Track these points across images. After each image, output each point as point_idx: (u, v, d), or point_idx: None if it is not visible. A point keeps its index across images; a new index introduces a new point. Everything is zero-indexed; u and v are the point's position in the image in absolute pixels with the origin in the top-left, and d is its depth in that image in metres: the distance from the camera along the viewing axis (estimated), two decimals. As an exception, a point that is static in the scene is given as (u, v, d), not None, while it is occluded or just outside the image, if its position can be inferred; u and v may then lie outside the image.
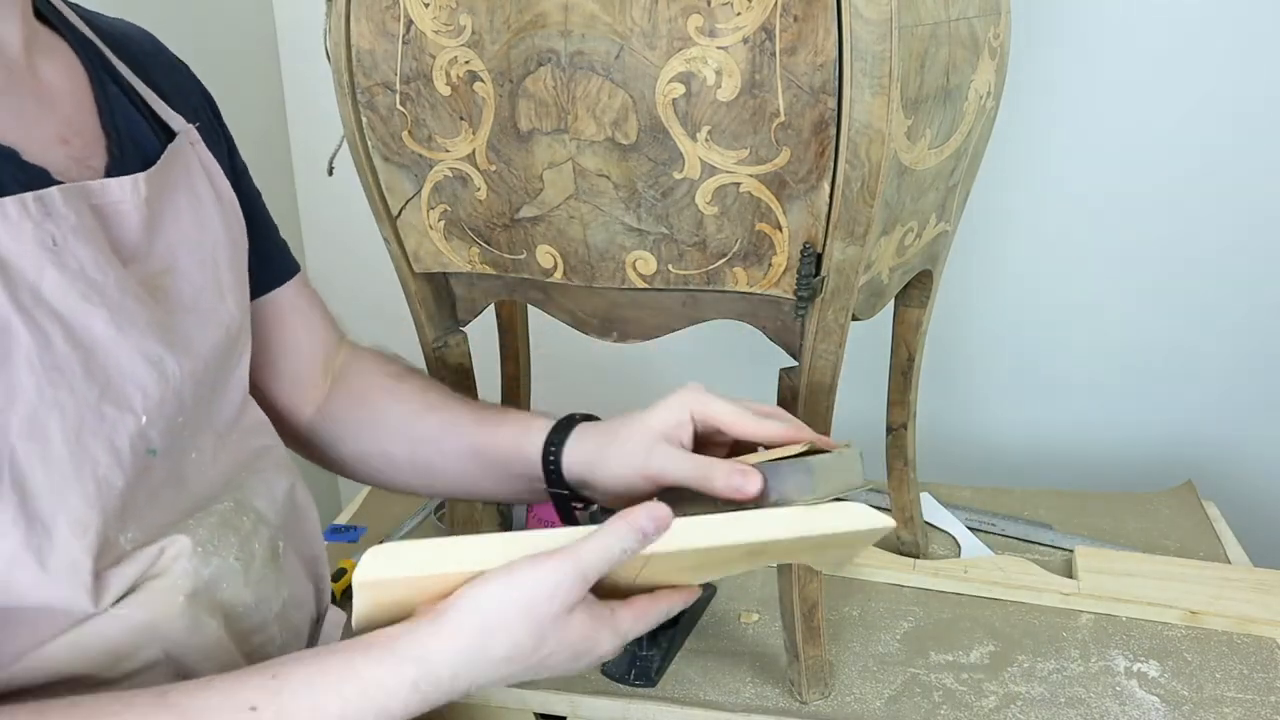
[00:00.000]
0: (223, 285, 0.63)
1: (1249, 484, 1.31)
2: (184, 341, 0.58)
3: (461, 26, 0.69)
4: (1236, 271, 1.23)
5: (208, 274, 0.62)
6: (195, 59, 1.21)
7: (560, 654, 0.52)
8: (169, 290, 0.59)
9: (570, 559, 0.50)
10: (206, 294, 0.61)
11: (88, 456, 0.51)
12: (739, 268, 0.71)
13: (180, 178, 0.62)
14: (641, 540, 0.51)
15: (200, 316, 0.60)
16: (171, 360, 0.56)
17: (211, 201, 0.64)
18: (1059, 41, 1.16)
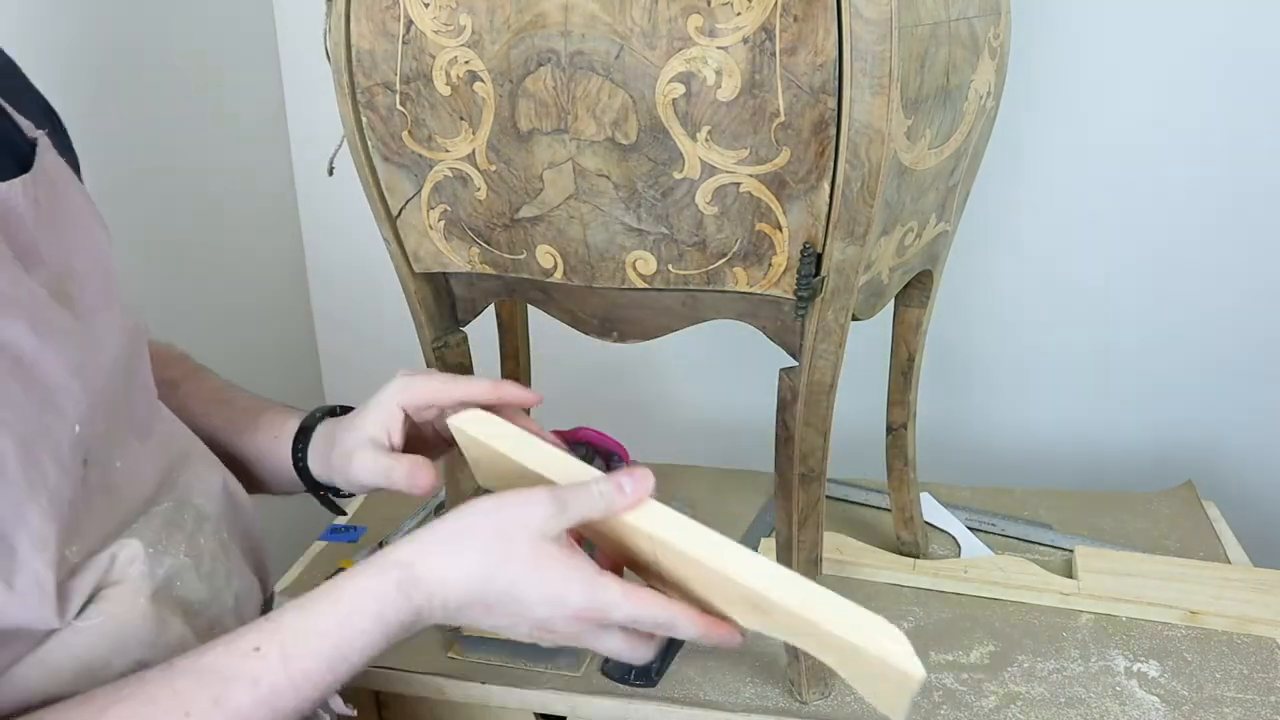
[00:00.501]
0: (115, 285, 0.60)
1: (1249, 484, 1.31)
2: (95, 346, 0.55)
3: (461, 26, 0.69)
4: (1237, 272, 1.23)
5: (101, 275, 0.59)
6: (195, 59, 1.22)
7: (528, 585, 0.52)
8: (72, 295, 0.55)
9: (551, 490, 0.53)
10: (104, 296, 0.59)
11: (39, 471, 0.49)
12: (739, 268, 0.71)
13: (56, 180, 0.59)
14: (619, 493, 0.53)
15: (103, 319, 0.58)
16: (90, 366, 0.54)
17: (84, 202, 0.61)
18: (1059, 41, 1.16)
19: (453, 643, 0.92)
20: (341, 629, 0.51)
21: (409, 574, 0.52)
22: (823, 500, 0.80)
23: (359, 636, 0.51)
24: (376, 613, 0.51)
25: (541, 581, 0.52)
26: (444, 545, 0.54)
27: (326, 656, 0.50)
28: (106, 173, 1.09)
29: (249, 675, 0.48)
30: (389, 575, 0.52)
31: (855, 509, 1.15)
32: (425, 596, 0.53)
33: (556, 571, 0.52)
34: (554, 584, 0.52)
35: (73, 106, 1.04)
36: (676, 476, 1.23)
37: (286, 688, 0.49)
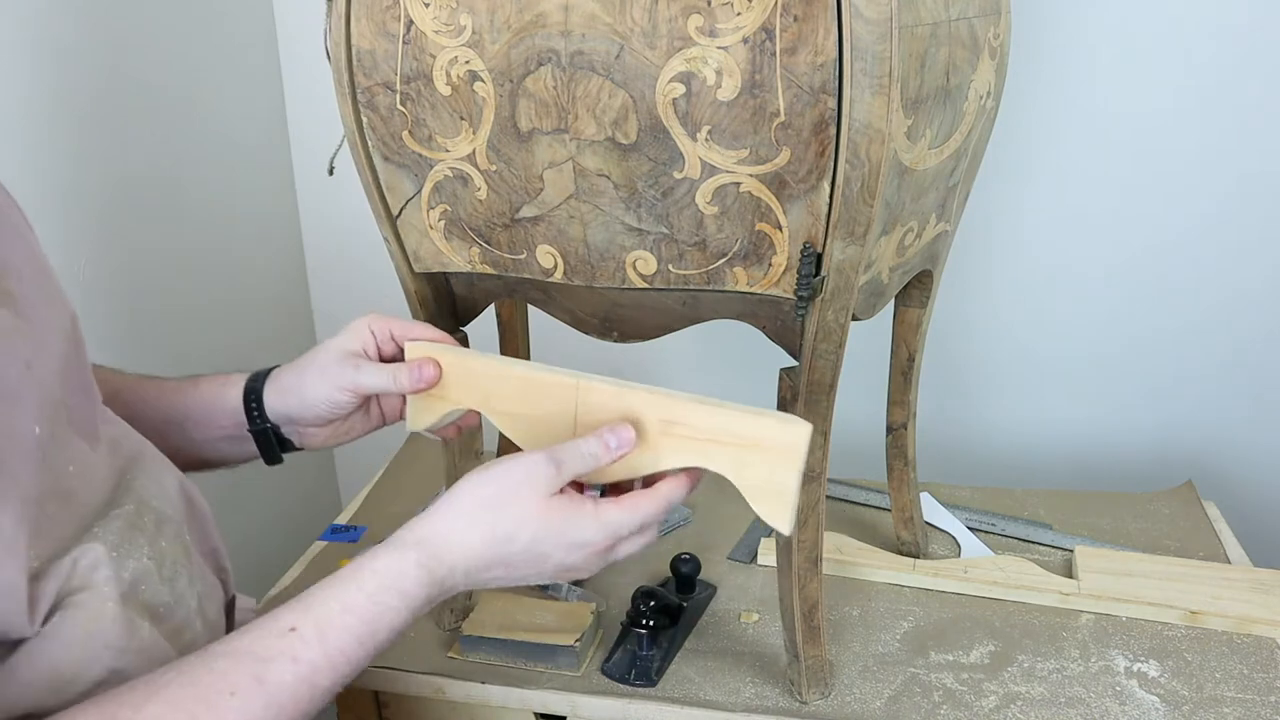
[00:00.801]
0: (51, 280, 0.59)
1: (1249, 484, 1.31)
2: (40, 344, 0.54)
3: (462, 26, 0.69)
4: (1237, 272, 1.23)
5: (38, 272, 0.57)
6: (195, 59, 1.22)
7: (547, 538, 0.57)
8: (11, 291, 0.54)
9: (546, 451, 0.59)
10: (42, 291, 0.57)
11: (8, 474, 0.48)
12: (739, 268, 0.71)
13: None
14: (606, 451, 0.60)
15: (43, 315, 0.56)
16: (38, 365, 0.52)
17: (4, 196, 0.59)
18: (1059, 41, 1.17)
19: (453, 643, 0.92)
20: (370, 606, 0.53)
21: (430, 549, 0.56)
22: (823, 500, 0.80)
23: (387, 613, 0.54)
24: (401, 590, 0.54)
25: (559, 533, 0.57)
26: (458, 517, 0.57)
27: (358, 634, 0.52)
28: (106, 173, 1.09)
29: (288, 654, 0.50)
30: (409, 555, 0.56)
31: (855, 509, 1.15)
32: (447, 569, 0.56)
33: (569, 521, 0.58)
34: (570, 532, 0.58)
35: (73, 107, 1.04)
36: (676, 476, 1.23)
37: (324, 665, 0.51)
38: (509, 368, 0.69)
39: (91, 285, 1.08)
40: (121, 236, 1.12)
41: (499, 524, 0.57)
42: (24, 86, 0.98)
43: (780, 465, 0.60)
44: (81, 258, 1.06)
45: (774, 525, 0.61)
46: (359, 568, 0.55)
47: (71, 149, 1.04)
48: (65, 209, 1.04)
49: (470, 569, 0.57)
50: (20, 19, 0.97)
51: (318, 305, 1.48)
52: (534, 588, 1.01)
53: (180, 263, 1.21)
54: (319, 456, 1.53)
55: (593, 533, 0.58)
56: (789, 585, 0.82)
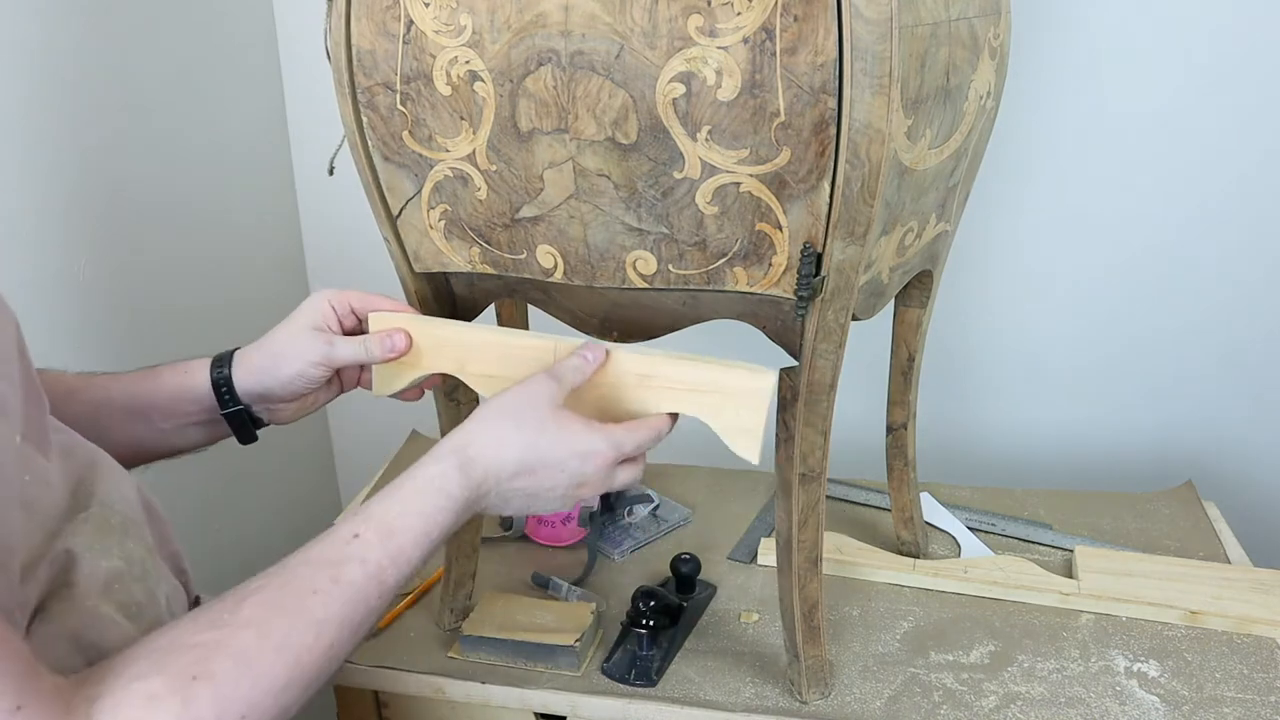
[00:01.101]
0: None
1: (1249, 484, 1.31)
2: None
3: (462, 26, 0.69)
4: (1237, 272, 1.23)
5: None
6: (196, 59, 1.22)
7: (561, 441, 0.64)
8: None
9: (546, 372, 0.67)
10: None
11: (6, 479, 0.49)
12: (739, 267, 0.71)
13: None
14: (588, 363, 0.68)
15: None
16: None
17: None
18: (1059, 41, 1.16)
19: (453, 643, 0.92)
20: (422, 509, 0.59)
21: (465, 455, 0.63)
22: (823, 500, 0.80)
23: (436, 513, 0.60)
24: (446, 492, 0.61)
25: (571, 439, 0.64)
26: (487, 428, 0.64)
27: (414, 534, 0.58)
28: (106, 173, 1.09)
29: (357, 557, 0.56)
30: (448, 461, 0.62)
31: (855, 509, 1.15)
32: (482, 473, 0.63)
33: (578, 430, 0.65)
34: (579, 439, 0.65)
35: (73, 107, 1.04)
36: (676, 476, 1.23)
37: (388, 564, 0.57)
38: (480, 333, 0.74)
39: (91, 286, 1.08)
40: (121, 236, 1.11)
41: (521, 429, 0.64)
42: (23, 86, 0.98)
43: (747, 409, 0.67)
44: (81, 258, 1.06)
45: (746, 458, 0.68)
46: (407, 477, 0.61)
47: (71, 149, 1.04)
48: (65, 209, 1.04)
49: (501, 473, 0.63)
50: (20, 19, 0.97)
51: (318, 305, 1.48)
52: (534, 588, 1.01)
53: (180, 263, 1.21)
54: (319, 456, 1.53)
55: (599, 441, 0.65)
56: (789, 585, 0.82)
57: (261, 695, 0.49)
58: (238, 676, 0.48)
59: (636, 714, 0.85)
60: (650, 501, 1.15)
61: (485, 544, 1.03)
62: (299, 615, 0.52)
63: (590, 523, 1.07)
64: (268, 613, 0.51)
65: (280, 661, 0.50)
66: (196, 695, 0.46)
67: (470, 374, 0.75)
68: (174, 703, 0.46)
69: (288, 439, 1.42)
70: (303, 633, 0.52)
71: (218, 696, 0.47)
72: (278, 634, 0.51)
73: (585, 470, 0.65)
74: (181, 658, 0.48)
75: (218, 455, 1.10)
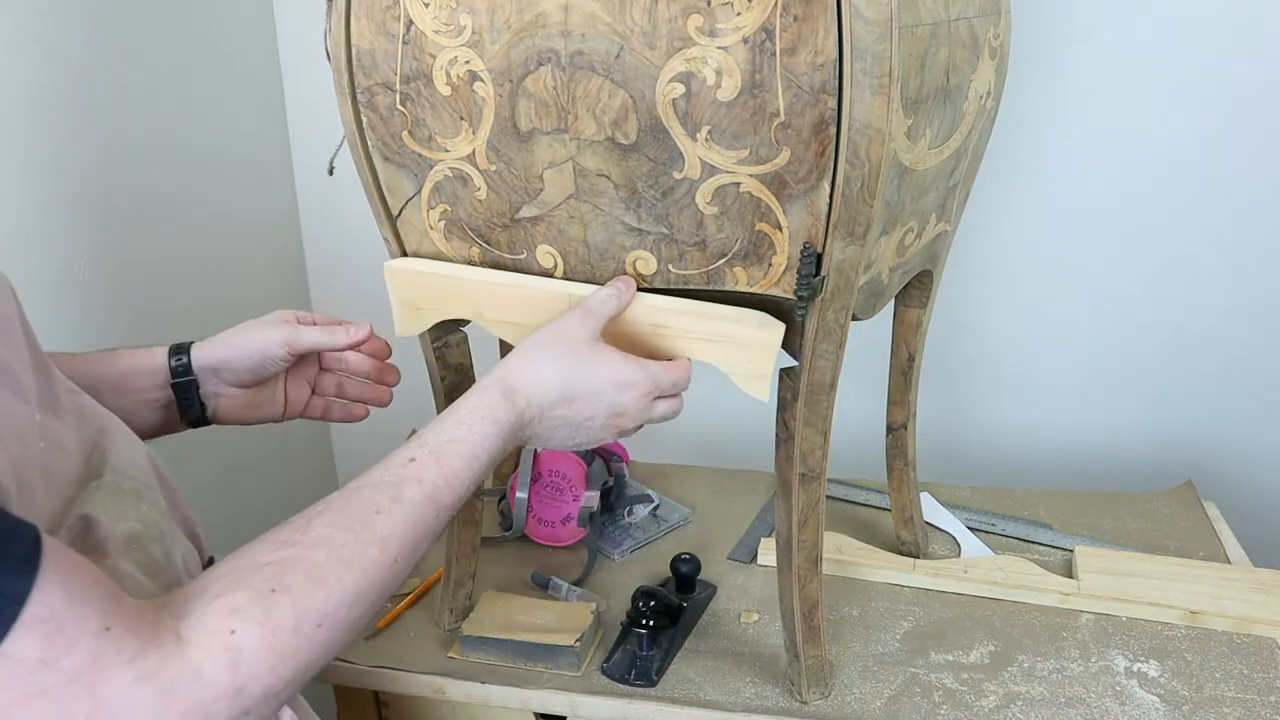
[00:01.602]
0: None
1: (1249, 484, 1.31)
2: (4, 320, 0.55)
3: (462, 26, 0.69)
4: (1238, 272, 1.23)
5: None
6: (195, 59, 1.22)
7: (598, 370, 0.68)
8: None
9: (579, 306, 0.70)
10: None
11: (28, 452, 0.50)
12: (739, 267, 0.71)
13: None
14: (619, 295, 0.71)
15: None
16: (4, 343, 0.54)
17: None
18: (1059, 41, 1.16)
19: (453, 643, 0.92)
20: (471, 434, 0.63)
21: (508, 385, 0.66)
22: (823, 500, 0.80)
23: (484, 439, 0.63)
24: (493, 419, 0.64)
25: (608, 369, 0.68)
26: (527, 360, 0.68)
27: (465, 457, 0.62)
28: (106, 173, 1.09)
29: (414, 478, 0.59)
30: (493, 390, 0.66)
31: (855, 509, 1.15)
32: (525, 400, 0.66)
33: (615, 361, 0.68)
34: (616, 370, 0.68)
35: (73, 107, 1.04)
36: (676, 476, 1.23)
37: (443, 484, 0.60)
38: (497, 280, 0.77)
39: (91, 286, 1.08)
40: (121, 237, 1.11)
41: (559, 360, 0.67)
42: (24, 87, 0.98)
43: (758, 357, 0.71)
44: (81, 258, 1.06)
45: (756, 397, 0.73)
46: (455, 408, 0.65)
47: (71, 149, 1.04)
48: (65, 210, 1.04)
49: (543, 401, 0.67)
50: (21, 20, 0.97)
51: (318, 305, 1.48)
52: (534, 587, 1.01)
53: (180, 263, 1.21)
54: (319, 456, 1.53)
55: (636, 372, 0.69)
56: (789, 585, 0.82)
57: (335, 607, 0.52)
58: (311, 589, 0.51)
59: (636, 714, 0.85)
60: (650, 501, 1.15)
61: (485, 544, 1.03)
62: (364, 533, 0.55)
63: (590, 523, 1.07)
64: (335, 532, 0.54)
65: (349, 576, 0.53)
66: (276, 605, 0.49)
67: (488, 319, 0.78)
68: (256, 612, 0.49)
69: (287, 439, 1.43)
70: (368, 546, 0.55)
71: (295, 606, 0.50)
72: (345, 550, 0.54)
73: (622, 400, 0.68)
74: (259, 574, 0.51)
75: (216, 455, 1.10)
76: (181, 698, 0.45)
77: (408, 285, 0.80)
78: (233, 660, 0.47)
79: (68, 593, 0.43)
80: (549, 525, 1.08)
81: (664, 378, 0.70)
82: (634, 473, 1.20)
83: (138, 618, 0.46)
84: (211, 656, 0.47)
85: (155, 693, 0.45)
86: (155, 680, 0.45)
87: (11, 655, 0.41)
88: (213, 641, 0.47)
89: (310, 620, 0.51)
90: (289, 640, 0.49)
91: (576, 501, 1.07)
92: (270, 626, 0.49)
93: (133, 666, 0.44)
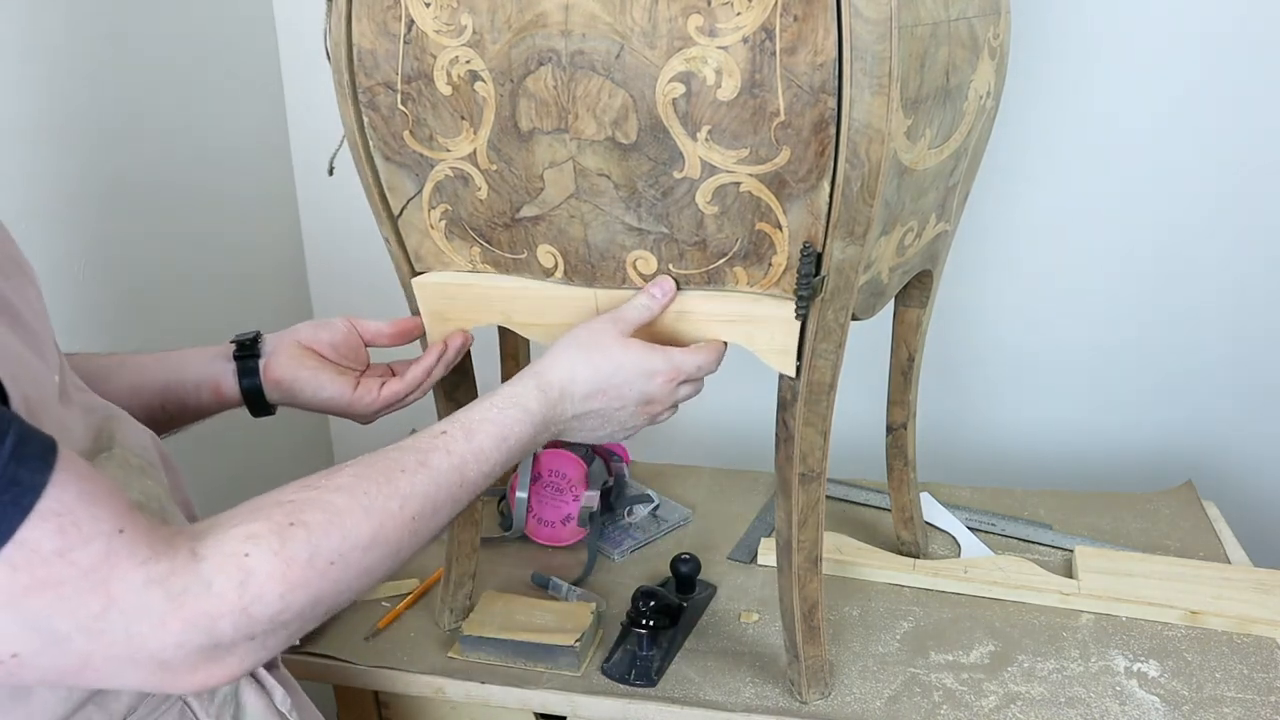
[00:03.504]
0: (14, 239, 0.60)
1: (1249, 484, 1.31)
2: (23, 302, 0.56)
3: (462, 26, 0.69)
4: (1236, 271, 1.23)
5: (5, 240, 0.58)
6: (195, 59, 1.22)
7: (627, 363, 0.70)
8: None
9: (614, 313, 0.73)
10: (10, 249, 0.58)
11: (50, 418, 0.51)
12: (739, 267, 0.71)
13: None
14: (654, 298, 0.73)
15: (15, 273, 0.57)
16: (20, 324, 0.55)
17: None
18: (1059, 41, 1.17)
19: (453, 643, 0.92)
20: (502, 416, 0.66)
21: (542, 379, 0.69)
22: (823, 500, 0.80)
23: (515, 424, 0.66)
24: (524, 406, 0.67)
25: (634, 361, 0.71)
26: (559, 356, 0.71)
27: (495, 437, 0.64)
28: (106, 174, 1.09)
29: (443, 448, 0.62)
30: (527, 382, 0.69)
31: (855, 509, 1.15)
32: (558, 392, 0.69)
33: (640, 352, 0.71)
34: (642, 360, 0.71)
35: (72, 106, 1.04)
36: (677, 476, 1.23)
37: (471, 459, 0.63)
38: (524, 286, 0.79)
39: (91, 286, 1.08)
40: (121, 237, 1.11)
41: (590, 355, 0.70)
42: (24, 86, 0.98)
43: (781, 332, 0.73)
44: (81, 259, 1.06)
45: (782, 371, 0.74)
46: (491, 394, 0.68)
47: (71, 149, 1.04)
48: (64, 211, 1.04)
49: (574, 394, 0.70)
50: (21, 19, 0.97)
51: (318, 306, 1.48)
52: (534, 587, 1.01)
53: (180, 263, 1.21)
54: (319, 456, 1.53)
55: (659, 361, 0.71)
56: (789, 585, 0.82)
57: (349, 549, 0.54)
58: (328, 527, 0.53)
59: (636, 714, 0.85)
60: (650, 501, 1.15)
61: (485, 544, 1.03)
62: (386, 485, 0.57)
63: (590, 523, 1.07)
64: (358, 481, 0.57)
65: (366, 522, 0.55)
66: (292, 536, 0.51)
67: (516, 323, 0.80)
68: (272, 540, 0.50)
69: (287, 438, 1.43)
70: (388, 499, 0.57)
71: (310, 540, 0.52)
72: (365, 498, 0.56)
73: (649, 389, 0.71)
74: (279, 509, 0.53)
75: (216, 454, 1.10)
76: (188, 605, 0.47)
77: (435, 296, 0.81)
78: (243, 580, 0.49)
79: (82, 494, 0.45)
80: (549, 525, 1.08)
81: (688, 363, 0.73)
82: (634, 473, 1.20)
83: (151, 530, 0.48)
84: (223, 572, 0.48)
85: (164, 595, 0.46)
86: (165, 585, 0.46)
87: (26, 543, 0.43)
88: (227, 562, 0.49)
89: (324, 557, 0.52)
90: (301, 572, 0.51)
91: (576, 501, 1.07)
92: (285, 556, 0.50)
93: (144, 568, 0.46)
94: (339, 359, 0.79)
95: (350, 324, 0.80)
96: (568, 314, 0.77)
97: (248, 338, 0.78)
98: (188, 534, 0.50)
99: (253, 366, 0.76)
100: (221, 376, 0.76)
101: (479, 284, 0.80)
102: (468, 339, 0.82)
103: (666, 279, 0.74)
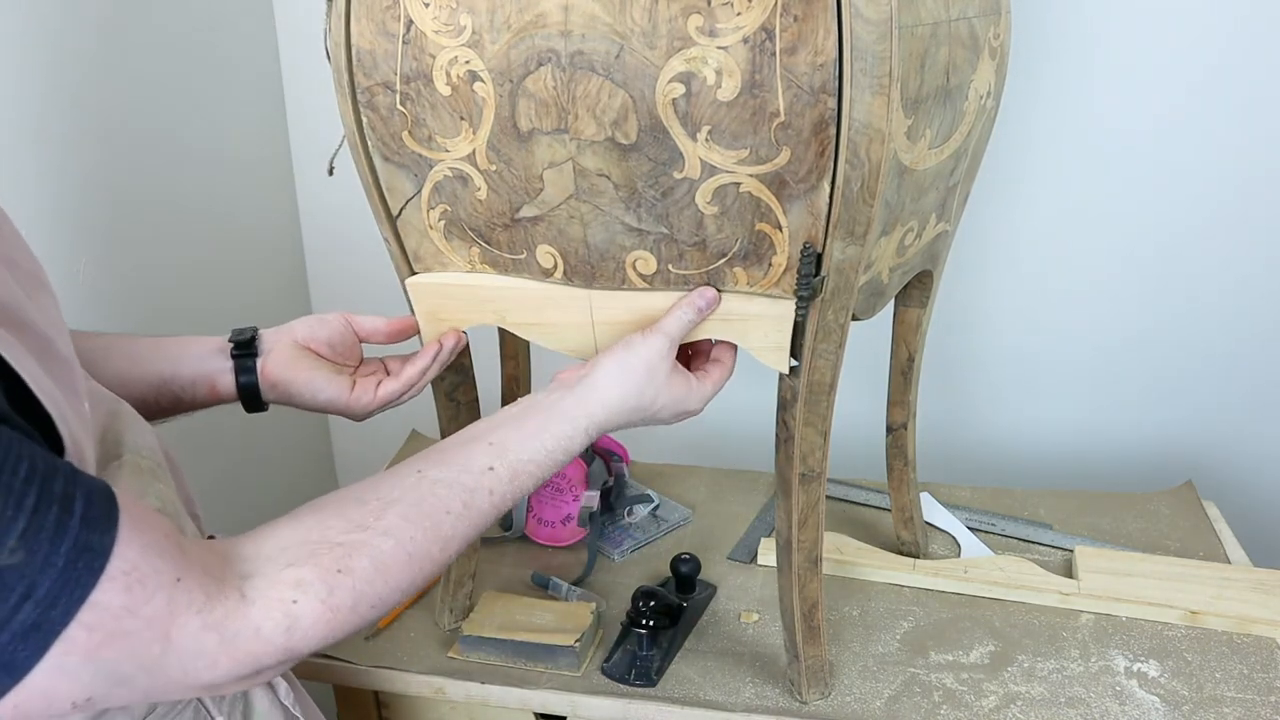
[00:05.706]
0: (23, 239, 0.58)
1: (1249, 484, 1.31)
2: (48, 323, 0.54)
3: (462, 26, 0.69)
4: (1236, 272, 1.23)
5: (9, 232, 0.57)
6: (195, 59, 1.22)
7: (668, 406, 0.73)
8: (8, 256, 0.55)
9: (661, 333, 0.72)
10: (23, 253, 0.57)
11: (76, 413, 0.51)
12: (739, 268, 0.71)
13: None
14: (698, 311, 0.73)
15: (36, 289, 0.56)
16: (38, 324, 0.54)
17: None
18: (1059, 41, 1.16)
19: (453, 643, 0.92)
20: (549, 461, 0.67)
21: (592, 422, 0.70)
22: (823, 500, 0.80)
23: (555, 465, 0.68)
24: (570, 450, 0.68)
25: (678, 399, 0.73)
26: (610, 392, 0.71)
27: (535, 479, 0.67)
28: (106, 174, 1.09)
29: (486, 488, 0.63)
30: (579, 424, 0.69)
31: (855, 509, 1.15)
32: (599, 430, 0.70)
33: (683, 396, 0.74)
34: (681, 401, 0.74)
35: (73, 107, 1.04)
36: (676, 476, 1.23)
37: (509, 499, 0.65)
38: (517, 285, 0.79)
39: (91, 286, 1.08)
40: (121, 237, 1.11)
41: (641, 397, 0.72)
42: (25, 87, 0.98)
43: (774, 329, 0.73)
44: (81, 259, 1.06)
45: (777, 368, 0.75)
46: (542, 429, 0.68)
47: (71, 149, 1.04)
48: (65, 211, 1.04)
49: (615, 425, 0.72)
50: (21, 20, 0.97)
51: (318, 305, 1.48)
52: (534, 587, 1.01)
53: (180, 263, 1.21)
54: (319, 455, 1.53)
55: (695, 402, 0.75)
56: (789, 585, 0.82)
57: (390, 594, 0.57)
58: (373, 576, 0.56)
59: (636, 714, 0.85)
60: (650, 501, 1.15)
61: (485, 544, 1.04)
62: (432, 531, 0.60)
63: (590, 523, 1.07)
64: (406, 525, 0.59)
65: (409, 568, 0.58)
66: (339, 585, 0.54)
67: (511, 323, 0.80)
68: (320, 589, 0.53)
69: (288, 438, 1.43)
70: (430, 544, 0.59)
71: (355, 589, 0.55)
72: (411, 544, 0.58)
73: (680, 412, 0.75)
74: (330, 553, 0.55)
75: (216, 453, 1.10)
76: (239, 648, 0.51)
77: (430, 296, 0.81)
78: (289, 626, 0.52)
79: (144, 547, 0.48)
80: (549, 525, 1.08)
81: (711, 393, 0.76)
82: (634, 473, 1.20)
83: (204, 571, 0.50)
84: (271, 619, 0.51)
85: (218, 640, 0.50)
86: (219, 630, 0.50)
87: (99, 604, 0.45)
88: (274, 607, 0.52)
89: (367, 603, 0.55)
90: (346, 617, 0.54)
91: (576, 501, 1.07)
92: (331, 604, 0.53)
93: (200, 616, 0.49)
94: (335, 357, 0.79)
95: (346, 320, 0.80)
96: (564, 311, 0.77)
97: (245, 335, 0.78)
98: (235, 568, 0.53)
99: (250, 366, 0.76)
100: (218, 375, 0.77)
101: (475, 284, 0.80)
102: (460, 339, 0.82)
103: (709, 289, 0.74)
